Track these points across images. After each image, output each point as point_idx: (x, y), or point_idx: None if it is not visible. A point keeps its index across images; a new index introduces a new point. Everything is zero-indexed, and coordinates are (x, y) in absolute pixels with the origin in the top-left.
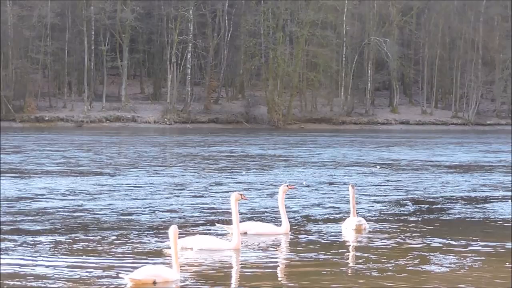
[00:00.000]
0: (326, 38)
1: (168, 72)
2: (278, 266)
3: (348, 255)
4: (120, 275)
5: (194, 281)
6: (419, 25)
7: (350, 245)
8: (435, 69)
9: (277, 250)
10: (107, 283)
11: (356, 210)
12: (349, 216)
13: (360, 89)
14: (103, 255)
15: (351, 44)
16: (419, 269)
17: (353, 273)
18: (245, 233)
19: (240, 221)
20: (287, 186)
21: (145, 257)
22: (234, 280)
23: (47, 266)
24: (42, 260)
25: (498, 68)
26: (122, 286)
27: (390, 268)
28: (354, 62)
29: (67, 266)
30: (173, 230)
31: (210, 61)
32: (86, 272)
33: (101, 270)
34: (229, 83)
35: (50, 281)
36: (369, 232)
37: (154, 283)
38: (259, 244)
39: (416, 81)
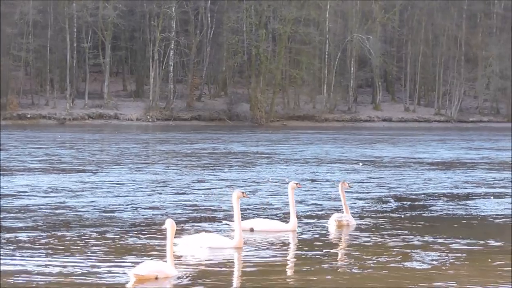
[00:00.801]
0: (309, 35)
1: (151, 69)
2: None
3: (329, 252)
4: (124, 271)
5: (195, 279)
6: (402, 22)
7: (332, 242)
8: (418, 66)
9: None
10: (92, 280)
11: (337, 207)
12: (335, 212)
13: (343, 86)
14: (85, 252)
15: (334, 41)
16: (401, 266)
17: (333, 270)
18: (252, 230)
19: (246, 219)
20: (296, 184)
21: (127, 254)
22: (233, 279)
23: (29, 264)
24: (23, 257)
25: (481, 65)
26: (120, 284)
27: (372, 265)
28: (336, 59)
29: (49, 264)
30: (170, 224)
31: (192, 58)
32: (67, 269)
33: (85, 267)
34: (211, 81)
35: (32, 278)
36: (351, 228)
37: (156, 278)
38: (262, 242)
39: (399, 78)
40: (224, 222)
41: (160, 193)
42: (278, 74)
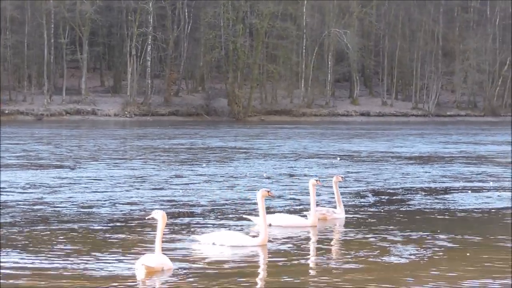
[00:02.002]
0: (286, 30)
1: (128, 64)
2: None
3: (307, 247)
4: (133, 262)
5: (219, 277)
6: (379, 17)
7: (309, 238)
8: (395, 61)
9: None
10: (69, 275)
11: (317, 202)
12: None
13: (320, 80)
14: (63, 247)
15: (311, 35)
16: (379, 260)
17: (312, 265)
18: (269, 225)
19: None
20: (316, 180)
21: (106, 249)
22: (258, 276)
23: (6, 260)
24: (2, 253)
25: (458, 59)
26: (98, 278)
27: (350, 259)
28: (314, 53)
29: (27, 260)
30: (161, 215)
31: (170, 53)
32: (45, 264)
33: (63, 262)
34: (189, 76)
35: (11, 275)
36: (330, 223)
37: (162, 270)
38: (283, 238)
39: (376, 73)
40: (245, 217)
41: (138, 189)
42: (255, 69)
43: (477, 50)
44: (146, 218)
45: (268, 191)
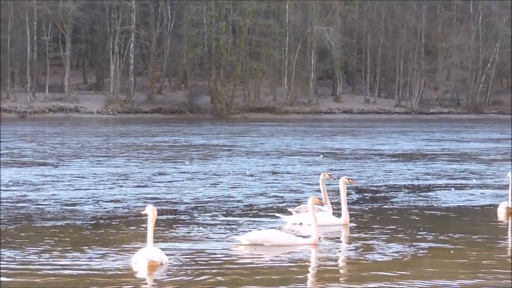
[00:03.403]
0: (269, 27)
1: (111, 62)
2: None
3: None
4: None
5: (271, 274)
6: (362, 14)
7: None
8: (378, 58)
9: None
10: (52, 272)
11: (301, 200)
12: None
13: (303, 78)
14: (46, 245)
15: (294, 33)
16: (362, 258)
17: (296, 262)
18: (301, 224)
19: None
20: (348, 179)
21: (88, 246)
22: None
23: None
24: None
25: (441, 56)
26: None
27: (331, 257)
28: (297, 51)
29: (10, 256)
30: (151, 210)
31: (153, 51)
32: (28, 261)
33: (45, 259)
34: (172, 73)
35: None
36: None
37: (161, 264)
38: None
39: (359, 70)
40: (277, 215)
41: (121, 186)
42: (238, 66)
43: (460, 48)
44: (143, 212)
45: (320, 199)
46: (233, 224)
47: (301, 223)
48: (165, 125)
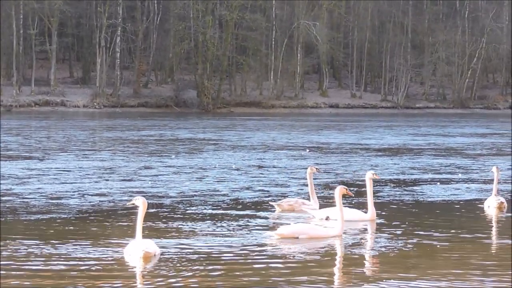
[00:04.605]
0: (256, 21)
1: (97, 56)
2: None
3: (276, 239)
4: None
5: (297, 268)
6: (349, 9)
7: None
8: (365, 53)
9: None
10: (38, 267)
11: (286, 194)
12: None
13: (290, 72)
14: (31, 239)
15: (281, 27)
16: (349, 252)
17: (282, 258)
18: (327, 218)
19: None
20: (374, 174)
21: (74, 240)
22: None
23: None
24: None
25: (427, 51)
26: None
27: (321, 252)
28: (283, 45)
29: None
30: (141, 201)
31: (139, 45)
32: (13, 255)
33: (31, 253)
34: (158, 67)
35: None
36: (296, 216)
37: (155, 255)
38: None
39: (346, 65)
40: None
41: (107, 180)
42: (225, 61)
43: (446, 43)
44: (128, 203)
45: (346, 189)
46: (218, 218)
47: (327, 218)
48: (151, 119)
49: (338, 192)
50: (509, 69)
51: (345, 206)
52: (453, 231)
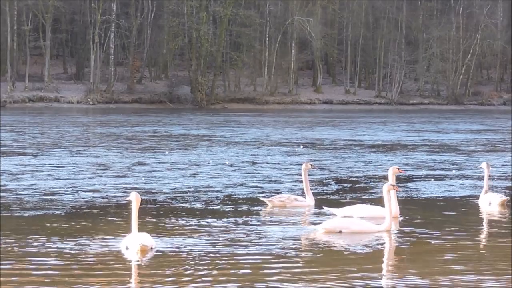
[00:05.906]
0: (250, 17)
1: (91, 52)
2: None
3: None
4: (123, 243)
5: (337, 264)
6: (343, 5)
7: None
8: (359, 49)
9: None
10: (29, 264)
11: (280, 190)
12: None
13: (284, 68)
14: (25, 235)
15: (275, 23)
16: (342, 249)
17: (275, 255)
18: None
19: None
20: (398, 169)
21: (68, 236)
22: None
23: None
24: None
25: (422, 47)
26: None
27: (313, 248)
28: (277, 41)
29: None
30: (134, 197)
31: (133, 41)
32: (7, 251)
33: (24, 249)
34: (152, 63)
35: None
36: (290, 212)
37: (151, 249)
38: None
39: (340, 61)
40: (326, 209)
41: (101, 176)
42: (218, 57)
43: (440, 39)
44: (126, 199)
45: (394, 186)
46: (212, 214)
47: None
48: (145, 115)
49: (386, 188)
50: (503, 66)
51: (363, 204)
52: (446, 226)
